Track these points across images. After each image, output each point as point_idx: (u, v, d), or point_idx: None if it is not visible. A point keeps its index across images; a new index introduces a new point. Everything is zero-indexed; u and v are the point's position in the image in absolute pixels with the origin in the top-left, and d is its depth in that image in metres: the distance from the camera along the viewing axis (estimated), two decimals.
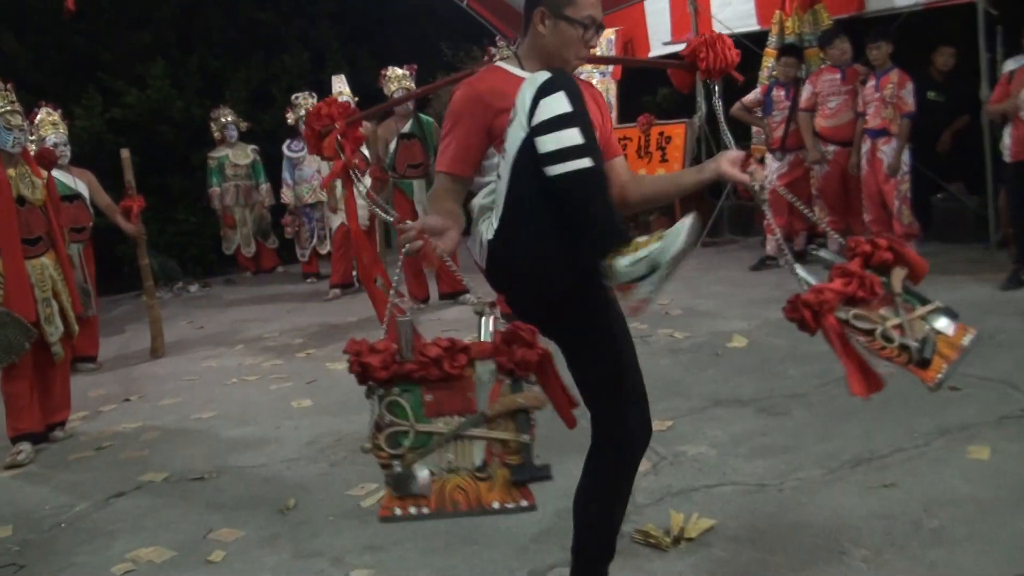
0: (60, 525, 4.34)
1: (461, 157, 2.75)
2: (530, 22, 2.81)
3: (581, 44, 2.78)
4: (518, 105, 2.49)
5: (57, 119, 7.37)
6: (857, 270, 2.57)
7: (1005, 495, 3.65)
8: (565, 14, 2.74)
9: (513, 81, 2.69)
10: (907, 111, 7.74)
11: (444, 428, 2.32)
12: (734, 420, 4.78)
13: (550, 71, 2.51)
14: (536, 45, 2.82)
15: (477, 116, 2.71)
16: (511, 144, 2.51)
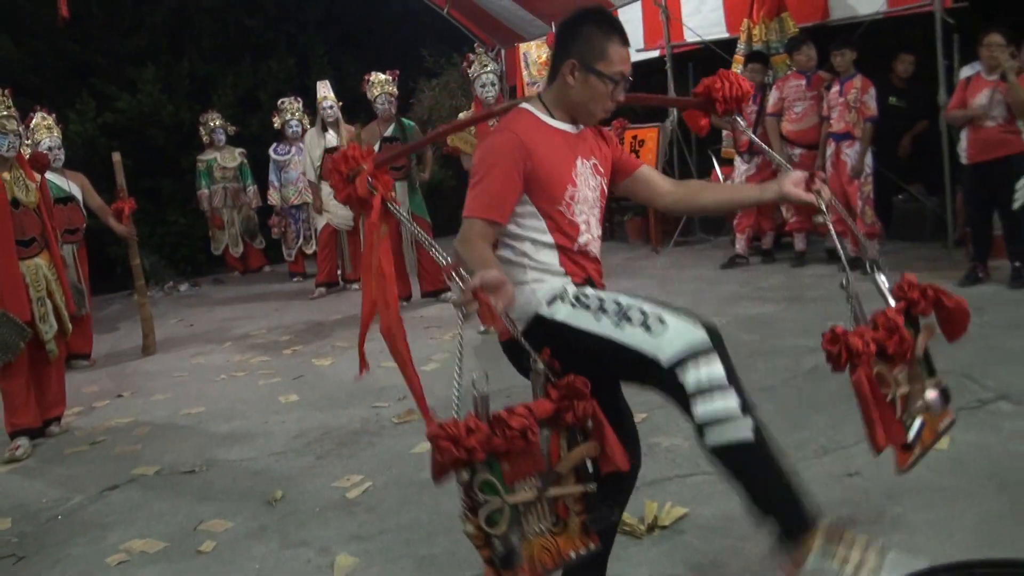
0: (56, 517, 4.34)
1: (499, 204, 2.64)
2: (559, 71, 2.75)
3: (608, 99, 2.74)
4: None
5: (52, 123, 7.36)
6: (900, 326, 2.56)
7: (963, 483, 3.69)
8: (596, 68, 2.69)
9: (545, 130, 2.72)
10: (869, 115, 7.79)
11: (527, 494, 2.30)
12: None
13: None
14: (564, 95, 2.76)
15: (518, 161, 2.63)
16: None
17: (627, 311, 2.51)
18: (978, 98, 6.82)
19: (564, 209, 2.71)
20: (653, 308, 2.49)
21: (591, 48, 2.69)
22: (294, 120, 10.59)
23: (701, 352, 2.37)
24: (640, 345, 2.44)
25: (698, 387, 2.35)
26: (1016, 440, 4.04)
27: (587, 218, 2.78)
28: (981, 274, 7.07)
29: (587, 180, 2.78)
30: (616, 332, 2.50)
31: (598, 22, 2.74)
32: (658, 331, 2.42)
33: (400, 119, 8.65)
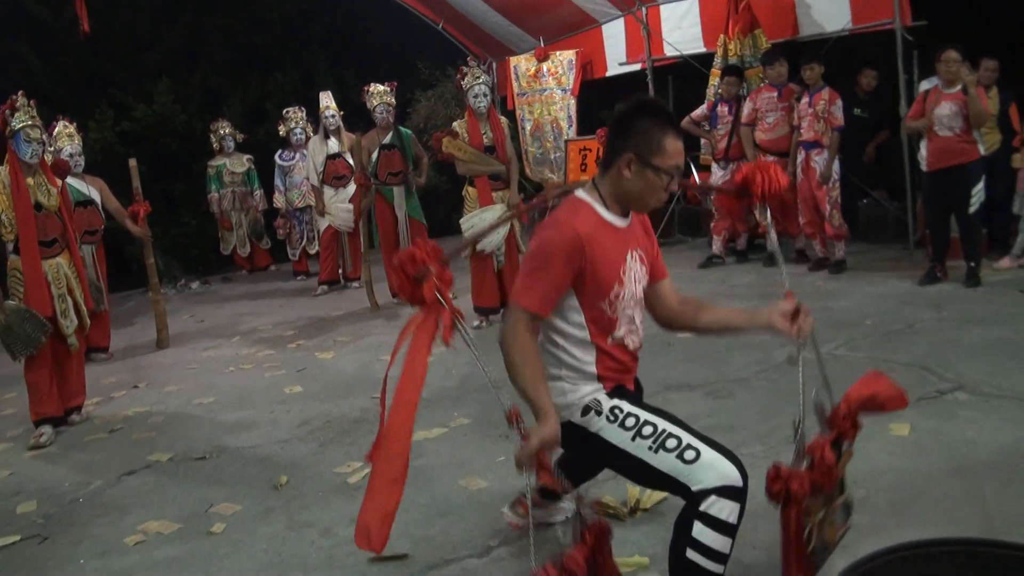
0: (78, 500, 4.34)
1: (549, 299, 2.62)
2: (614, 162, 2.68)
3: (663, 190, 2.68)
4: None
5: (73, 131, 7.34)
6: (833, 465, 2.63)
7: (922, 467, 3.71)
8: (653, 163, 2.62)
9: (602, 226, 2.68)
10: (836, 125, 7.81)
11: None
12: (684, 402, 4.80)
13: None
14: (619, 187, 2.70)
15: (573, 261, 2.59)
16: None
17: (663, 438, 2.56)
18: (941, 108, 6.84)
19: (606, 306, 2.69)
20: (688, 437, 2.55)
21: (648, 143, 2.62)
22: (298, 128, 10.59)
23: (730, 491, 2.47)
24: (673, 471, 2.52)
25: (708, 514, 2.46)
26: (971, 427, 4.06)
27: (631, 313, 2.78)
28: (939, 273, 7.10)
29: (635, 274, 2.76)
30: (651, 456, 2.56)
31: (655, 115, 2.66)
32: (692, 462, 2.49)
33: (397, 128, 8.64)
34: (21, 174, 5.30)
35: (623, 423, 2.63)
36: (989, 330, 5.61)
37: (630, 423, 2.62)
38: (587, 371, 2.71)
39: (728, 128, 8.74)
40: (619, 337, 2.75)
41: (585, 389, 2.69)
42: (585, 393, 2.69)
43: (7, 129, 5.27)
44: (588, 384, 2.71)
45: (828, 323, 6.19)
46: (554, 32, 11.76)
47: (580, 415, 2.69)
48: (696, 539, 2.46)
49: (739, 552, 3.14)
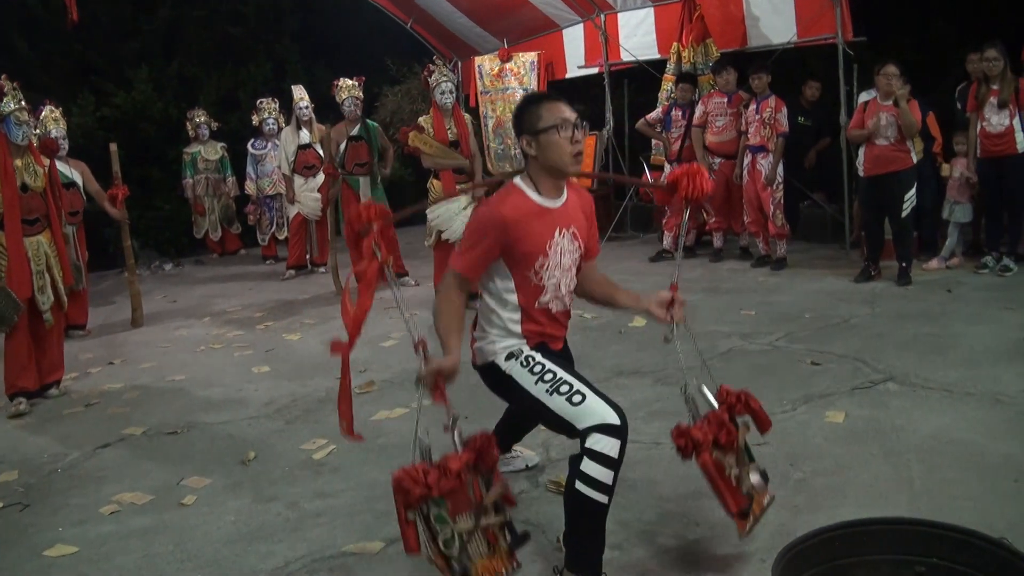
0: (57, 471, 4.29)
1: (477, 266, 2.89)
2: (523, 151, 2.94)
3: (568, 143, 2.85)
4: None
5: (58, 115, 7.24)
6: (727, 421, 2.92)
7: (856, 452, 3.76)
8: (539, 128, 2.85)
9: (531, 209, 2.89)
10: (781, 131, 7.88)
11: (467, 524, 2.54)
12: (635, 388, 4.83)
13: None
14: (536, 166, 2.93)
15: (499, 238, 2.83)
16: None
17: (558, 384, 2.81)
18: (874, 119, 6.93)
19: (532, 275, 2.91)
20: (579, 385, 2.78)
21: (528, 120, 2.89)
22: (271, 119, 10.50)
23: (607, 428, 2.65)
24: (562, 412, 2.76)
25: (591, 449, 2.64)
26: (901, 415, 4.12)
27: (556, 281, 2.97)
28: (873, 272, 7.20)
29: (563, 248, 2.96)
30: (547, 398, 2.80)
31: (527, 101, 2.99)
32: (579, 405, 2.73)
33: (365, 120, 8.60)
34: (9, 156, 5.23)
35: (532, 369, 2.88)
36: (918, 326, 5.70)
37: (537, 370, 2.87)
38: (513, 330, 2.96)
39: (681, 132, 8.78)
40: (544, 302, 2.97)
41: (511, 341, 2.96)
42: (510, 344, 2.95)
43: None
44: (514, 339, 2.96)
45: (769, 316, 6.26)
46: (517, 34, 11.75)
47: (504, 359, 2.94)
48: (584, 472, 2.65)
49: (684, 530, 3.18)
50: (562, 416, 2.76)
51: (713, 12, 9.25)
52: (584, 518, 2.72)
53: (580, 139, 2.89)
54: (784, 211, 8.08)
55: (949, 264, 7.49)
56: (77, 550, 3.40)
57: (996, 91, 6.91)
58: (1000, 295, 6.39)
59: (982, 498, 3.22)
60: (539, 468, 3.82)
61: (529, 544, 3.09)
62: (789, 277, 7.67)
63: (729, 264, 8.51)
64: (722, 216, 8.66)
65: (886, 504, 3.21)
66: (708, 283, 7.65)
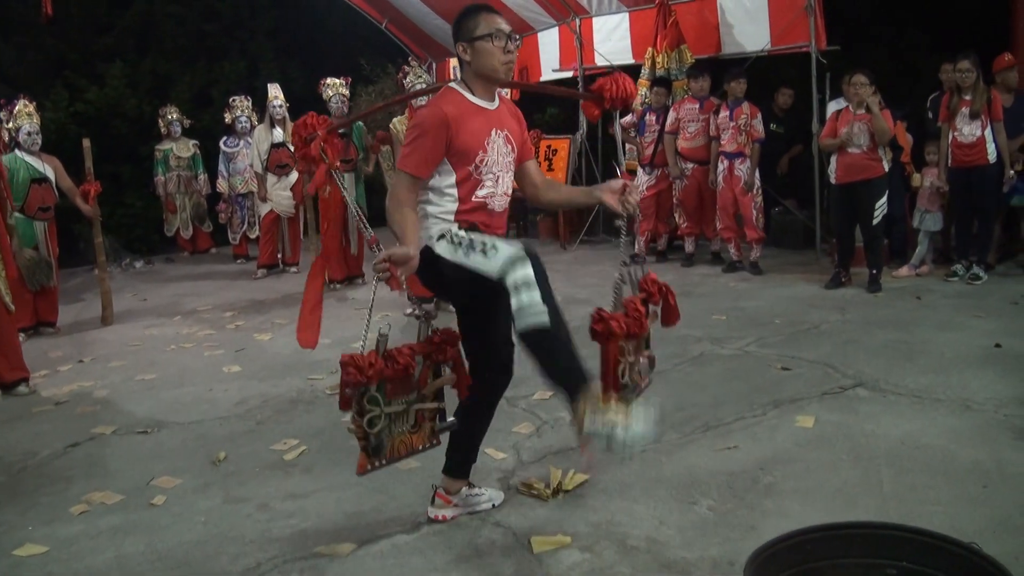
0: (26, 469, 4.25)
1: (425, 163, 3.00)
2: (460, 57, 3.11)
3: (500, 52, 3.04)
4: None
5: (32, 110, 7.15)
6: (643, 315, 3.20)
7: (825, 456, 3.78)
8: (476, 36, 3.03)
9: (467, 106, 3.06)
10: (757, 137, 7.93)
11: (399, 407, 2.96)
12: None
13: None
14: (470, 71, 3.11)
15: (441, 132, 2.96)
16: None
17: (475, 245, 2.95)
18: (846, 128, 6.99)
19: (472, 169, 3.06)
20: (492, 241, 2.92)
21: (466, 28, 3.07)
22: (243, 116, 10.42)
23: (518, 260, 2.79)
24: (479, 266, 2.88)
25: (514, 284, 2.77)
26: (870, 421, 4.15)
27: (495, 177, 3.14)
28: (844, 279, 7.25)
29: (499, 147, 3.13)
30: (465, 259, 2.93)
31: (466, 11, 3.11)
32: (492, 255, 2.86)
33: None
34: None
35: (457, 242, 3.00)
36: (888, 332, 5.74)
37: (457, 240, 3.00)
38: (447, 218, 3.09)
39: (655, 136, 8.81)
40: (482, 196, 3.11)
41: (443, 225, 3.08)
42: (442, 228, 3.08)
43: None
44: (446, 224, 3.08)
45: (740, 321, 6.29)
46: None
47: (436, 240, 3.06)
48: (519, 308, 2.77)
49: (655, 531, 3.18)
50: (481, 272, 2.88)
51: (688, 18, 9.31)
52: (545, 348, 2.83)
53: (512, 50, 3.06)
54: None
55: (919, 272, 7.56)
56: (47, 550, 3.36)
57: (968, 102, 6.98)
58: (969, 303, 6.45)
59: (951, 503, 3.25)
60: (509, 471, 3.82)
61: (499, 546, 3.10)
62: (760, 283, 7.72)
63: (700, 269, 8.54)
64: (694, 221, 8.70)
65: (856, 509, 3.23)
66: (680, 288, 7.56)
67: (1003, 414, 4.16)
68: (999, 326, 5.75)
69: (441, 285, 3.16)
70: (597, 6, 10.32)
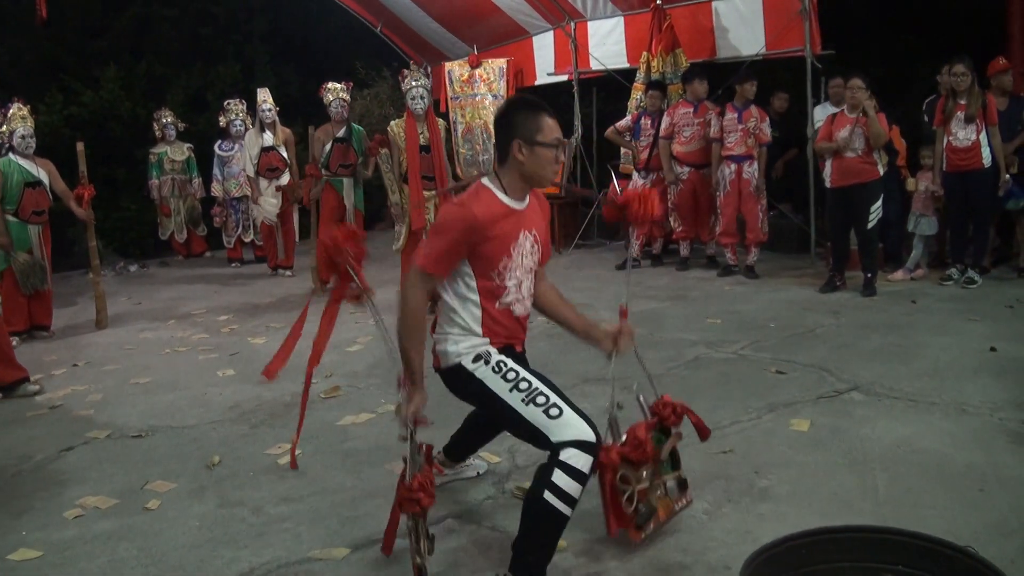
0: (20, 473, 4.23)
1: (444, 263, 2.91)
2: (508, 151, 2.95)
3: (555, 162, 2.97)
4: None
5: (26, 113, 7.13)
6: (644, 441, 3.05)
7: (820, 460, 3.78)
8: (538, 140, 2.91)
9: (498, 207, 2.94)
10: (765, 141, 7.99)
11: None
12: (600, 396, 4.78)
13: None
14: (517, 170, 2.96)
15: (467, 235, 2.87)
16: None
17: (535, 394, 2.85)
18: (842, 132, 7.00)
19: (495, 275, 2.96)
20: (555, 398, 2.84)
21: (528, 127, 2.92)
22: (238, 120, 10.41)
23: (585, 445, 2.74)
24: (539, 423, 2.80)
25: (567, 463, 2.71)
26: (865, 425, 4.16)
27: (518, 282, 3.03)
28: (839, 282, 7.26)
29: (524, 250, 3.03)
30: (522, 408, 2.84)
31: (529, 105, 3.00)
32: (555, 416, 2.78)
33: (350, 123, 8.65)
34: None
35: (505, 375, 2.91)
36: (883, 336, 5.76)
37: (511, 376, 2.91)
38: (475, 330, 2.99)
39: (650, 140, 8.81)
40: (506, 303, 3.02)
41: (475, 341, 2.98)
42: (476, 345, 2.98)
43: None
44: (477, 339, 2.99)
45: (735, 325, 6.30)
46: (487, 41, 11.77)
47: (471, 361, 2.96)
48: (555, 483, 2.70)
49: (651, 536, 3.18)
50: (538, 427, 2.80)
51: (683, 22, 9.33)
52: (544, 527, 2.77)
53: (563, 160, 3.02)
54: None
55: (914, 276, 7.58)
56: (41, 554, 3.35)
57: (963, 105, 7.01)
58: (964, 307, 6.47)
59: (947, 507, 3.25)
60: (504, 475, 3.82)
61: (495, 550, 3.10)
62: (755, 286, 7.73)
63: (695, 272, 8.55)
64: (689, 225, 8.71)
65: (851, 512, 3.22)
66: (674, 291, 7.69)
67: (998, 418, 4.17)
68: (994, 330, 5.76)
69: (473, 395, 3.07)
70: (592, 10, 10.33)
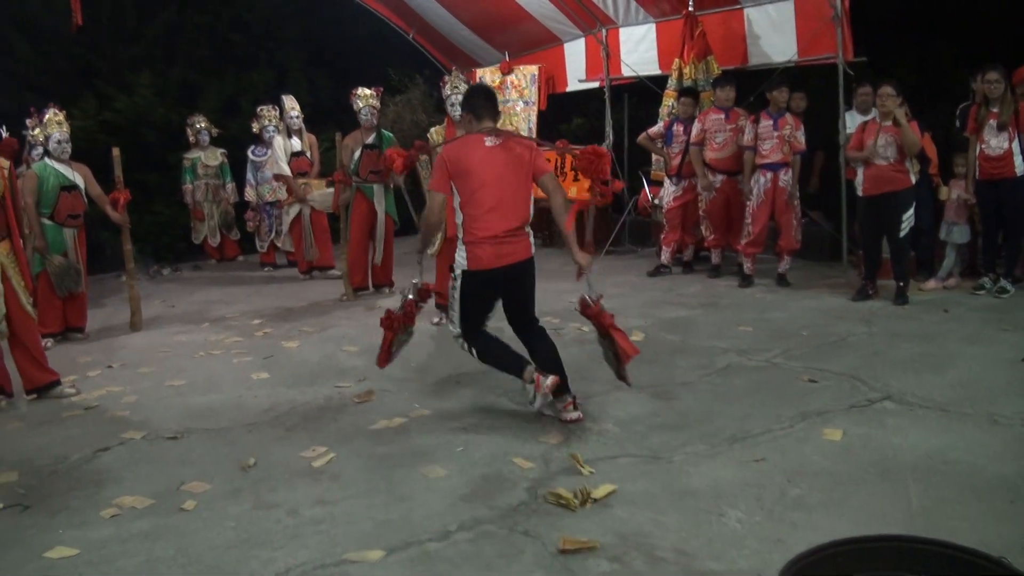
0: (57, 473, 4.29)
1: (443, 184, 4.60)
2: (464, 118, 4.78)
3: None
4: None
5: (62, 119, 7.23)
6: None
7: (853, 469, 3.78)
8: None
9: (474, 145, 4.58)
10: (799, 149, 7.94)
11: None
12: (632, 402, 4.85)
13: None
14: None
15: (446, 169, 4.57)
16: None
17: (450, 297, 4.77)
18: (872, 140, 6.97)
19: (470, 195, 4.54)
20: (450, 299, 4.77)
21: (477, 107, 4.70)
22: (271, 126, 10.47)
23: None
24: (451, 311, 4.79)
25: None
26: (897, 434, 4.15)
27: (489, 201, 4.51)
28: (871, 291, 7.23)
29: (497, 176, 4.52)
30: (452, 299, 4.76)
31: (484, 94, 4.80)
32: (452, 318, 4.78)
33: (380, 129, 8.69)
34: None
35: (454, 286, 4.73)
36: (915, 345, 5.73)
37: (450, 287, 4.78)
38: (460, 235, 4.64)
39: (682, 147, 8.78)
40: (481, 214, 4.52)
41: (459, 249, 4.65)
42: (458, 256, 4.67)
43: None
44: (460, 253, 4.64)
45: (766, 333, 6.29)
46: (519, 47, 11.82)
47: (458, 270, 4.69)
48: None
49: (683, 543, 3.20)
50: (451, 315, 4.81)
51: (715, 29, 9.32)
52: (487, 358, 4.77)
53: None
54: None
55: (946, 284, 7.53)
56: (78, 552, 3.41)
57: (996, 113, 6.96)
58: (997, 316, 6.42)
59: (978, 519, 3.25)
60: (538, 480, 3.84)
61: (529, 555, 3.13)
62: (786, 294, 7.70)
63: (727, 280, 8.51)
64: (721, 233, 8.67)
65: (883, 522, 3.23)
66: (706, 299, 7.68)
67: None
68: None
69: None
70: (624, 17, 10.35)
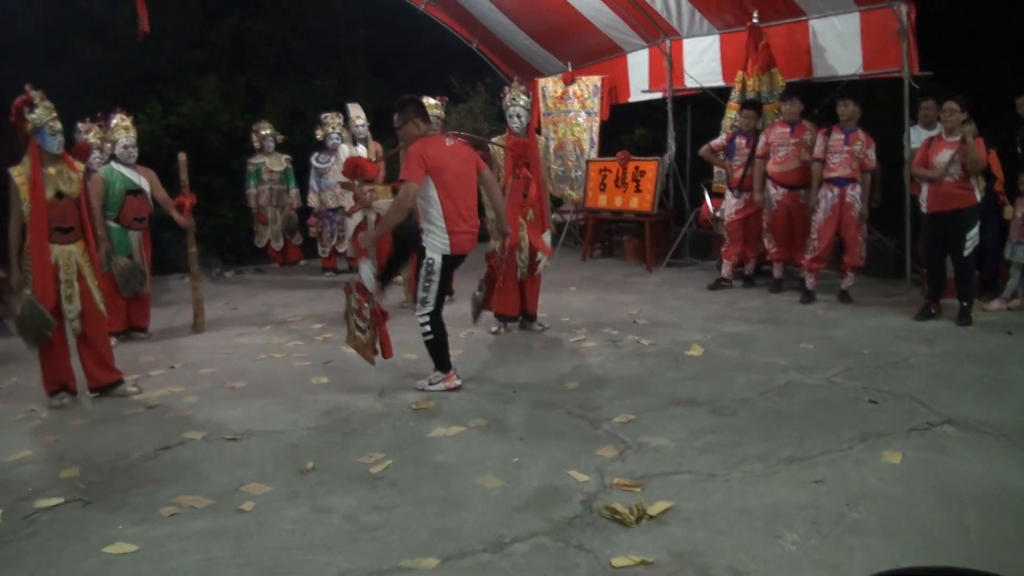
0: (117, 470, 4.39)
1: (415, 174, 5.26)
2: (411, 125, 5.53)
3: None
4: None
5: (129, 124, 7.40)
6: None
7: (912, 494, 3.74)
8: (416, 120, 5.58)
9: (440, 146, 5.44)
10: (869, 168, 7.84)
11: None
12: (690, 418, 4.84)
13: None
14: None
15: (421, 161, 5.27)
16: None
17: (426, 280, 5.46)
18: (938, 157, 6.88)
19: (443, 186, 5.32)
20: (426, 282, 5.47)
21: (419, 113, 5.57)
22: (335, 133, 10.64)
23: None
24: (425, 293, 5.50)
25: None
26: (958, 459, 4.10)
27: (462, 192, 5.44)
28: (934, 310, 7.12)
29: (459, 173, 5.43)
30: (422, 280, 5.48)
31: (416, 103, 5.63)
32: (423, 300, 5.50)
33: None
34: (41, 167, 5.35)
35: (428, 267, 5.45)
36: (978, 367, 5.65)
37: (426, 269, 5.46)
38: (440, 225, 5.37)
39: (744, 159, 8.74)
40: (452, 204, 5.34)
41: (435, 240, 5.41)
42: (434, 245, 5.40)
43: (29, 125, 5.29)
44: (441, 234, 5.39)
45: (827, 351, 6.22)
46: (581, 58, 11.85)
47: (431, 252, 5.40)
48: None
49: (737, 562, 3.19)
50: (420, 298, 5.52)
51: (779, 41, 9.26)
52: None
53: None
54: None
55: (1011, 305, 7.39)
56: (137, 549, 3.49)
57: None
58: None
59: None
60: (592, 494, 3.86)
61: (583, 569, 3.15)
62: (848, 312, 7.62)
63: (788, 295, 8.42)
64: (783, 247, 8.60)
65: (941, 549, 3.20)
66: (766, 314, 7.62)
67: None
68: None
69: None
70: (688, 28, 10.33)
